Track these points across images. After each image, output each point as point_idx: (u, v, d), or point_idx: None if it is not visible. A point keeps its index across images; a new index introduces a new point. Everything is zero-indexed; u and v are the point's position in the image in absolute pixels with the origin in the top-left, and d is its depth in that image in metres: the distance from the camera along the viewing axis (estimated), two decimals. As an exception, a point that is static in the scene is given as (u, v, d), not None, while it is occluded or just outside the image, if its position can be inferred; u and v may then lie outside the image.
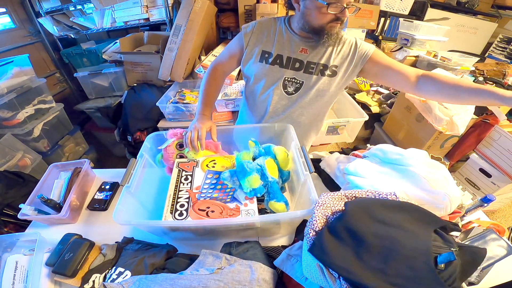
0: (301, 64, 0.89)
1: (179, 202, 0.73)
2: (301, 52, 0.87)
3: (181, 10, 1.80)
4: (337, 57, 0.88)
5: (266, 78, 0.92)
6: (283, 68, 0.90)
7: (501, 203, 1.78)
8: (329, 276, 0.47)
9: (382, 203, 0.55)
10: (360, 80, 2.22)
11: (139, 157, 0.83)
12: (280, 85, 0.92)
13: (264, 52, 0.90)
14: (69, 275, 0.68)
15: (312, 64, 0.88)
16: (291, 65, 0.89)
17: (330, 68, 0.88)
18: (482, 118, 1.53)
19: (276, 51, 0.89)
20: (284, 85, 0.92)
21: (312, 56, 0.88)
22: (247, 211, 0.70)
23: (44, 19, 2.18)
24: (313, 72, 0.88)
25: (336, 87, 0.93)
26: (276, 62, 0.89)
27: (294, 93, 0.94)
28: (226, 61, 0.99)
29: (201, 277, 0.55)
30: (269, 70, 0.90)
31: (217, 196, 0.73)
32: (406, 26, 2.09)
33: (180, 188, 0.77)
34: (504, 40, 2.49)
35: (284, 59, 0.89)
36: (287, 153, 0.85)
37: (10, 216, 1.15)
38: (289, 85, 0.92)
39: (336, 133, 1.77)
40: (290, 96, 0.95)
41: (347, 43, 0.89)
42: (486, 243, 0.69)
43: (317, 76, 0.89)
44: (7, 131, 1.58)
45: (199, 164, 0.85)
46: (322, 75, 0.89)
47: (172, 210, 0.71)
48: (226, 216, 0.69)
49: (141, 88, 2.00)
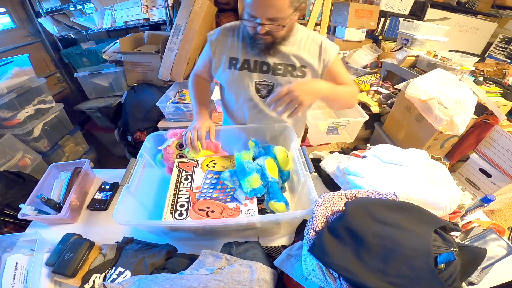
0: (268, 67, 0.87)
1: (179, 202, 0.73)
2: (266, 54, 0.85)
3: (181, 10, 1.80)
4: (305, 57, 0.87)
5: (238, 84, 0.91)
6: (252, 72, 0.88)
7: (501, 203, 1.78)
8: (329, 276, 0.47)
9: (382, 203, 0.55)
10: (360, 80, 2.22)
11: (139, 157, 0.83)
12: (253, 89, 0.91)
13: (232, 59, 0.89)
14: (69, 275, 0.68)
15: (279, 65, 0.87)
16: (259, 69, 0.88)
17: (298, 68, 0.87)
18: (482, 118, 1.53)
19: (242, 56, 0.87)
20: (257, 89, 0.91)
21: (278, 57, 0.86)
22: (247, 211, 0.70)
23: (44, 19, 2.18)
24: (281, 73, 0.87)
25: None
26: (244, 67, 0.88)
27: (267, 95, 0.92)
28: (203, 70, 0.99)
29: (201, 277, 0.55)
30: (239, 76, 0.89)
31: (217, 196, 0.73)
32: (406, 26, 2.09)
33: (180, 188, 0.77)
34: (504, 40, 2.49)
35: (251, 63, 0.87)
36: (287, 153, 0.85)
37: (10, 216, 1.15)
38: (262, 89, 0.91)
39: (336, 133, 1.77)
40: (265, 99, 0.93)
41: (314, 42, 0.87)
42: (486, 243, 0.69)
43: (287, 78, 0.88)
44: (7, 131, 1.58)
45: (199, 164, 0.85)
46: (292, 76, 0.88)
47: (172, 210, 0.71)
48: (226, 216, 0.69)
49: (141, 88, 2.00)
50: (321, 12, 1.68)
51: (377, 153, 0.84)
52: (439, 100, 1.40)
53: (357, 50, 2.51)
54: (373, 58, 2.45)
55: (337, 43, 2.64)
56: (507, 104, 1.53)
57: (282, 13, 0.70)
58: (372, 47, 2.55)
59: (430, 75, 1.54)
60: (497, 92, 1.59)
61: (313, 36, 0.88)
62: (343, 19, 2.52)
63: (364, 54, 2.46)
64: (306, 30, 0.88)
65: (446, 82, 1.50)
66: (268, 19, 0.71)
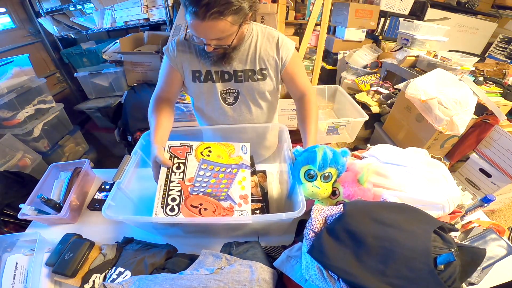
0: (229, 75, 0.88)
1: (170, 196, 0.69)
2: (225, 64, 0.85)
3: (181, 10, 1.80)
4: (262, 59, 0.87)
5: (205, 96, 0.93)
6: (216, 83, 0.89)
7: (501, 203, 1.77)
8: (329, 278, 0.47)
9: (380, 203, 0.55)
10: (360, 80, 2.22)
11: (133, 154, 0.82)
12: (219, 99, 0.92)
13: (195, 72, 0.88)
14: (69, 275, 0.68)
15: (239, 72, 0.88)
16: (221, 78, 0.89)
17: (258, 72, 0.88)
18: (482, 118, 1.53)
19: (203, 68, 0.87)
20: (223, 98, 0.93)
21: (236, 64, 0.86)
22: (240, 212, 0.68)
23: (44, 19, 2.18)
24: (243, 79, 0.88)
25: (272, 86, 0.93)
26: (208, 79, 0.89)
27: (235, 102, 0.94)
28: (168, 87, 0.92)
29: (201, 277, 0.55)
30: (204, 88, 0.90)
31: (211, 192, 0.70)
32: (406, 26, 2.09)
33: (172, 179, 0.72)
34: (504, 40, 2.48)
35: (213, 74, 0.88)
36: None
37: (10, 216, 1.16)
38: (228, 97, 0.93)
39: (336, 133, 1.77)
40: (233, 107, 0.95)
41: (269, 41, 0.86)
42: (486, 243, 0.69)
43: (248, 83, 0.89)
44: (7, 131, 1.58)
45: (193, 150, 0.78)
46: (253, 80, 0.89)
47: (163, 204, 0.67)
48: (218, 215, 0.67)
49: (141, 88, 2.00)
50: (321, 12, 1.68)
51: (376, 153, 0.84)
52: (439, 100, 1.40)
53: (357, 50, 2.51)
54: (373, 58, 2.45)
55: (337, 43, 2.65)
56: (507, 104, 1.53)
57: (226, 32, 0.69)
58: (372, 47, 2.55)
59: (430, 75, 1.54)
60: (497, 92, 1.59)
61: (268, 33, 0.87)
62: (343, 19, 2.52)
63: (364, 54, 2.46)
64: (261, 27, 0.87)
65: (446, 82, 1.50)
66: (213, 39, 0.71)
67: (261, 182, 0.94)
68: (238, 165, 0.72)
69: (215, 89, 0.90)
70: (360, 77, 2.24)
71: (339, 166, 0.68)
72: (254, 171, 0.96)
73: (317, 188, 0.67)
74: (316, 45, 1.96)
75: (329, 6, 1.65)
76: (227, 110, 0.95)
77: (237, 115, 0.97)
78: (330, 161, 0.67)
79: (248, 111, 0.97)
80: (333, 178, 0.69)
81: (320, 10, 1.66)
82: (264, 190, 0.91)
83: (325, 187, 0.67)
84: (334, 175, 0.69)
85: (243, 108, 0.96)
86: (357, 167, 0.70)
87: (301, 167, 0.69)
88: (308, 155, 0.68)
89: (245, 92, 0.92)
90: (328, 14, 1.68)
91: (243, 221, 0.67)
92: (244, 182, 0.73)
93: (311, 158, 0.67)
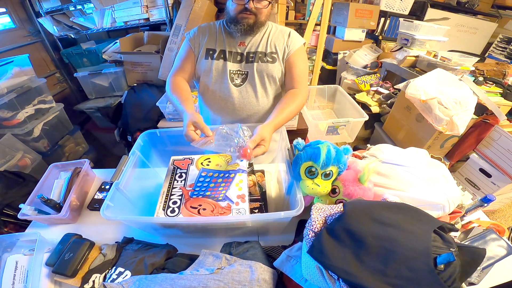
0: (241, 57, 0.96)
1: (172, 199, 0.73)
2: (240, 45, 0.95)
3: (181, 10, 1.80)
4: (273, 44, 0.96)
5: (214, 73, 0.97)
6: (227, 62, 0.96)
7: (501, 203, 1.77)
8: (329, 278, 0.47)
9: (380, 203, 0.55)
10: (360, 80, 2.22)
11: (131, 154, 0.82)
12: (227, 77, 0.97)
13: (209, 50, 0.96)
14: (69, 275, 0.68)
15: (251, 53, 0.95)
16: (233, 59, 0.96)
17: (268, 54, 0.96)
18: (482, 118, 1.53)
19: (219, 47, 0.96)
20: (231, 77, 0.97)
21: (250, 46, 0.95)
22: (238, 210, 0.70)
23: (44, 19, 2.18)
24: (254, 60, 0.95)
25: (281, 70, 0.98)
26: (220, 57, 0.96)
27: (242, 84, 0.98)
28: (183, 68, 0.98)
29: (201, 277, 0.55)
30: (215, 65, 0.96)
31: (210, 194, 0.73)
32: (406, 26, 2.09)
33: (174, 186, 0.77)
34: (504, 40, 2.48)
35: (226, 54, 0.96)
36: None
37: (10, 216, 1.16)
38: (236, 78, 0.97)
39: (336, 133, 1.78)
40: (239, 88, 0.98)
41: (282, 32, 0.97)
42: (486, 243, 0.69)
43: (258, 64, 0.95)
44: (7, 131, 1.58)
45: (194, 162, 0.85)
46: (262, 62, 0.95)
47: (164, 207, 0.71)
48: (217, 214, 0.69)
49: (141, 88, 2.00)
50: (321, 12, 1.68)
51: (375, 153, 0.84)
52: (439, 100, 1.40)
53: (357, 50, 2.51)
54: (373, 58, 2.45)
55: (337, 43, 2.66)
56: (507, 104, 1.53)
57: None
58: (372, 47, 2.55)
59: (430, 75, 1.54)
60: (497, 92, 1.59)
61: (282, 28, 0.99)
62: (343, 19, 2.53)
63: (364, 54, 2.46)
64: (275, 25, 0.99)
65: (446, 82, 1.50)
66: None
67: (260, 181, 0.94)
68: (235, 170, 0.75)
69: (225, 67, 0.96)
70: (360, 77, 2.25)
71: (340, 165, 0.68)
72: (252, 170, 0.97)
73: (317, 186, 0.66)
74: (316, 45, 1.96)
75: (329, 6, 1.65)
76: (233, 91, 0.98)
77: (242, 98, 0.99)
78: (333, 159, 0.66)
79: (254, 95, 0.99)
80: (334, 176, 0.69)
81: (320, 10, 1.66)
82: (262, 189, 0.91)
83: (325, 185, 0.67)
84: (335, 173, 0.68)
85: (249, 91, 0.99)
86: (358, 166, 0.70)
87: (302, 163, 0.68)
88: (311, 151, 0.67)
89: (255, 73, 0.96)
90: (328, 14, 1.68)
91: (241, 220, 0.67)
92: (241, 184, 0.77)
93: (314, 155, 0.66)
